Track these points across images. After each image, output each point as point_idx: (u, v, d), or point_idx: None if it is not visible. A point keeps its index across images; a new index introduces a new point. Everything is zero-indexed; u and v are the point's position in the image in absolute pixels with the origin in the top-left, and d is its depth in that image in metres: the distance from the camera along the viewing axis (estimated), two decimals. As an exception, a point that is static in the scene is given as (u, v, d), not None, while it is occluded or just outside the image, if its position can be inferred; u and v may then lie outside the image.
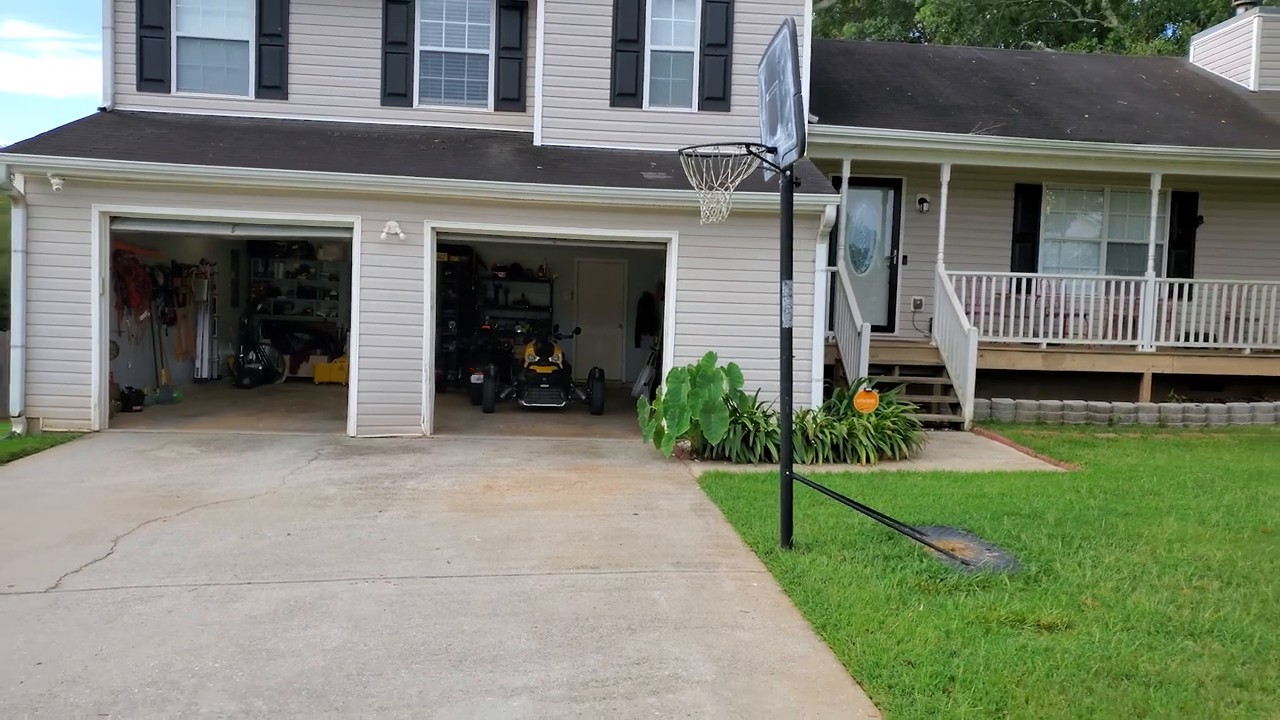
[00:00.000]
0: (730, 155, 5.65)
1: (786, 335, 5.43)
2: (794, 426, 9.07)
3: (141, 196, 9.48)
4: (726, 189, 5.46)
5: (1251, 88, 14.51)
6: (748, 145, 5.27)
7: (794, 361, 9.86)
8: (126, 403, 10.88)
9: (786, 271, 5.29)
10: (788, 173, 5.12)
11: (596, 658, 3.95)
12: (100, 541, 5.69)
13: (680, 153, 5.57)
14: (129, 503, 6.67)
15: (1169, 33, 22.63)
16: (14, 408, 9.46)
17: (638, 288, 15.98)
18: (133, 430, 9.72)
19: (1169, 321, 12.54)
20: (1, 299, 36.90)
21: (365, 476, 7.76)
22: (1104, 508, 6.48)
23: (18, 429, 9.41)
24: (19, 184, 9.34)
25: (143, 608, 4.56)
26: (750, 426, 8.93)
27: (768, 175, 5.46)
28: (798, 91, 4.69)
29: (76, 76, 65.93)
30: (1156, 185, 12.27)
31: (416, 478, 7.75)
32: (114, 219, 9.68)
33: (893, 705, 3.35)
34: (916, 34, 28.48)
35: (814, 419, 9.29)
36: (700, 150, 5.48)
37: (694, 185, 5.56)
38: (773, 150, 5.23)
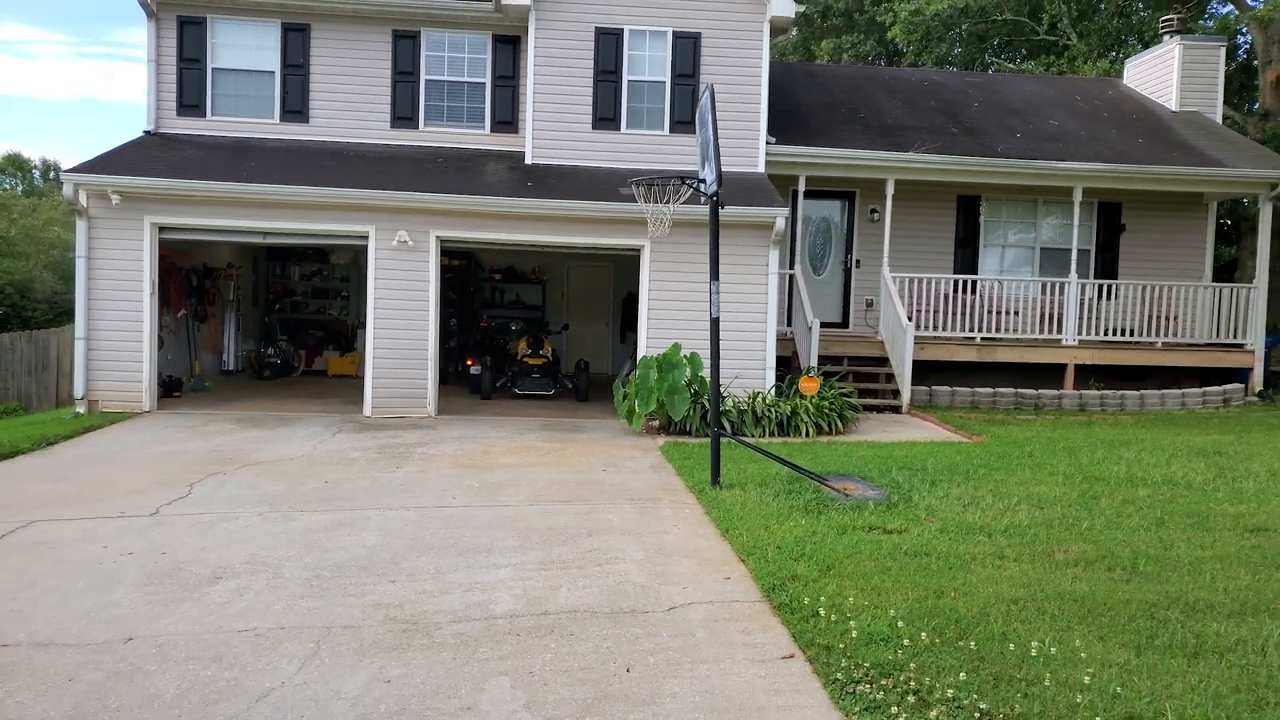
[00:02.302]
0: (673, 182, 7.21)
1: (715, 323, 6.99)
2: (746, 406, 10.68)
3: (187, 209, 11.04)
4: (669, 204, 7.02)
5: (1173, 108, 16.09)
6: (682, 177, 6.84)
7: (750, 350, 11.54)
8: (167, 389, 12.42)
9: (714, 273, 6.85)
10: (714, 198, 6.67)
11: (561, 549, 5.52)
12: (179, 486, 7.25)
13: (630, 182, 7.14)
14: (192, 462, 8.23)
15: (1118, 54, 24.20)
16: (77, 391, 11.02)
17: (623, 289, 17.50)
18: (177, 411, 11.27)
19: (1094, 318, 14.10)
20: (22, 300, 37.85)
21: (382, 445, 9.32)
22: (980, 464, 8.05)
23: (80, 409, 10.96)
24: (82, 199, 10.89)
25: (225, 524, 6.12)
26: (708, 406, 10.48)
27: (701, 200, 7.02)
28: (715, 141, 6.25)
29: (77, 79, 67.46)
30: (1078, 197, 13.85)
31: (425, 446, 9.32)
32: (162, 229, 11.23)
33: (757, 567, 4.93)
34: (894, 48, 30.05)
35: (763, 399, 10.86)
36: (647, 179, 7.04)
37: (639, 202, 7.12)
38: (703, 181, 6.79)
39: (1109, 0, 24.13)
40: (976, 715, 3.16)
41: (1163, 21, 16.71)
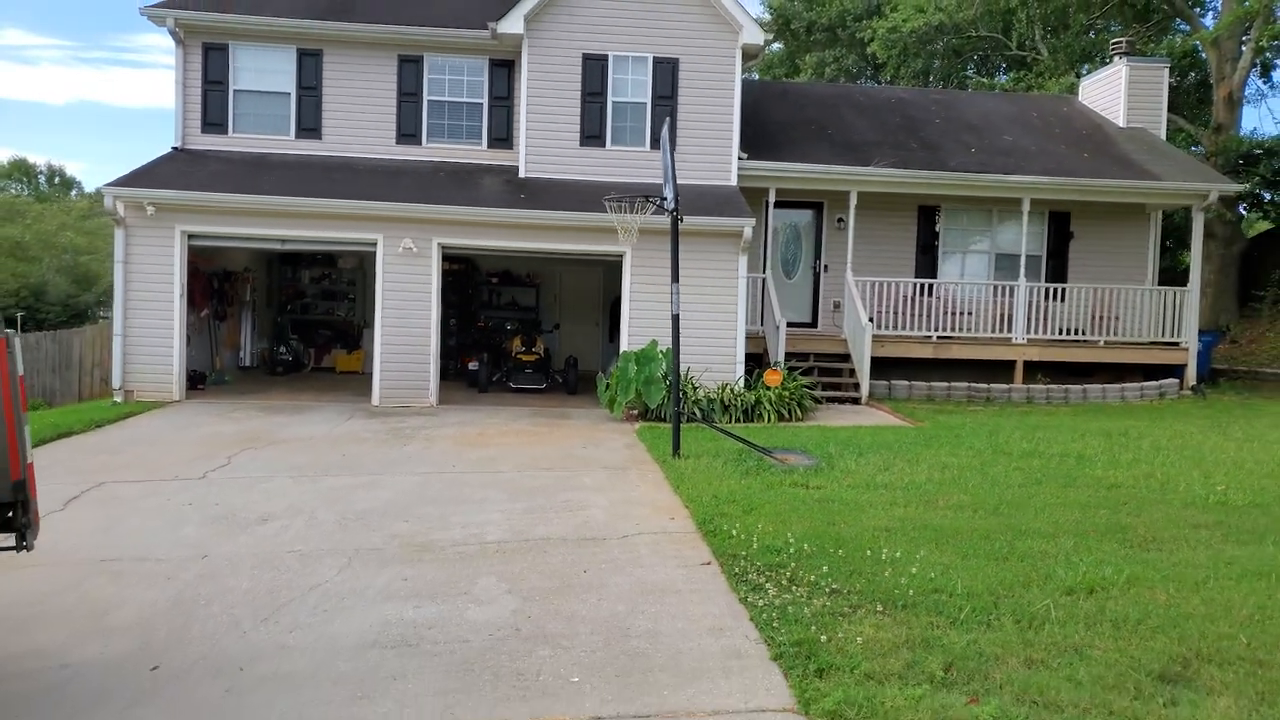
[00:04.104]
0: (639, 199, 8.46)
1: (675, 319, 8.24)
2: (715, 396, 11.93)
3: (214, 219, 12.29)
4: (637, 216, 8.28)
5: (1121, 124, 17.37)
6: (648, 196, 8.11)
7: (721, 346, 12.77)
8: (191, 382, 13.62)
9: (674, 276, 8.10)
10: (673, 213, 7.92)
11: (542, 500, 6.77)
12: (219, 458, 8.49)
13: (605, 198, 8.40)
14: (226, 441, 9.47)
15: (1087, 69, 25.52)
16: (115, 382, 12.26)
17: (612, 291, 18.68)
18: (204, 401, 12.51)
19: (1043, 319, 15.34)
20: (36, 302, 39.12)
21: (390, 428, 10.56)
22: (909, 442, 9.30)
23: (118, 399, 12.20)
24: (120, 210, 12.14)
25: (264, 484, 7.37)
26: (684, 394, 11.72)
27: (664, 215, 8.28)
28: (672, 166, 7.51)
29: (75, 83, 68.88)
30: (1026, 208, 15.12)
31: (428, 429, 10.56)
32: (191, 236, 12.48)
33: (697, 510, 6.18)
34: (875, 62, 31.36)
35: (731, 390, 12.11)
36: (618, 196, 8.31)
37: (610, 214, 8.38)
38: (664, 198, 8.05)
39: (1076, 19, 25.41)
40: (829, 592, 4.40)
41: (1113, 43, 18.00)
